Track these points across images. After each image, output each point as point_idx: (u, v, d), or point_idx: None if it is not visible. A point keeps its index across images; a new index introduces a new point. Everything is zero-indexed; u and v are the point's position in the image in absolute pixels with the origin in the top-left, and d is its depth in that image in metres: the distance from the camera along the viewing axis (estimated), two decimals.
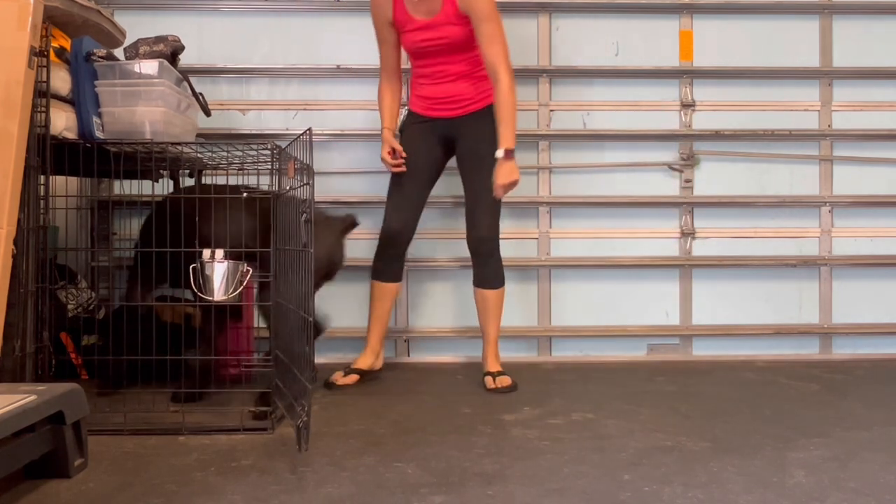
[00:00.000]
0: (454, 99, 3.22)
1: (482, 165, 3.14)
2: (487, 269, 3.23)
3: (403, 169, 3.26)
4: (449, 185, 3.83)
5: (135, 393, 2.79)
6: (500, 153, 3.04)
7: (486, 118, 3.14)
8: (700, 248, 3.88)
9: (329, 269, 2.99)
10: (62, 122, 2.51)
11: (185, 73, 2.88)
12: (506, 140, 3.04)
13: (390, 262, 3.30)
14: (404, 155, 3.27)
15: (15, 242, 2.27)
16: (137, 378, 2.72)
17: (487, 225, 3.18)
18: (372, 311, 3.33)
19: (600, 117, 3.87)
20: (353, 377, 3.23)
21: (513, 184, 3.07)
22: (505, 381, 3.15)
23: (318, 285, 2.82)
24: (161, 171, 3.07)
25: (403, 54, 3.36)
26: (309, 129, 2.41)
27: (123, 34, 2.98)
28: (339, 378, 3.21)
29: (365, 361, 3.30)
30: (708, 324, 3.88)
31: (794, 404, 2.91)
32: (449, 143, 3.27)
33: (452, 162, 3.36)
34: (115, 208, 3.59)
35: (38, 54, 2.35)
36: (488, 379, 3.18)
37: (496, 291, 3.25)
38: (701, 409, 2.80)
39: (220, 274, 2.63)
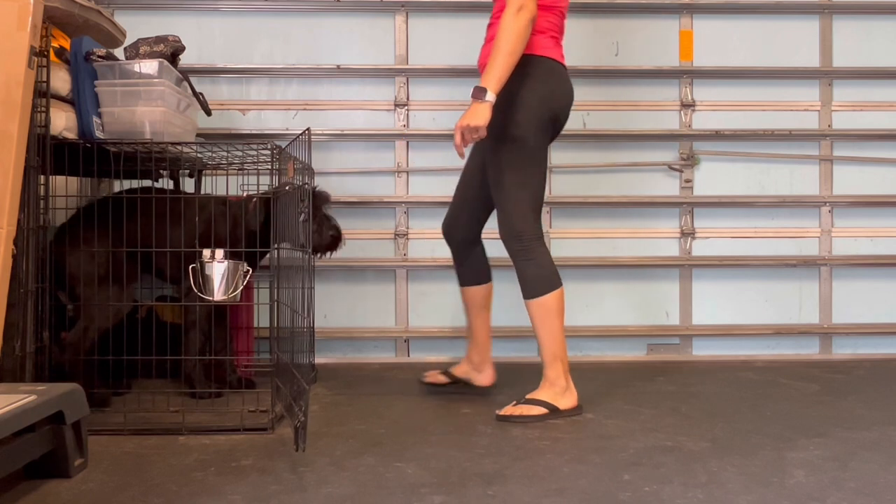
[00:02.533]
0: (479, 65, 2.73)
1: (490, 157, 2.71)
2: (519, 275, 2.73)
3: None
4: (446, 185, 3.84)
5: (134, 393, 2.79)
6: (472, 90, 2.53)
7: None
8: (700, 248, 3.88)
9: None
10: (62, 122, 2.51)
11: (185, 73, 2.88)
12: (484, 76, 2.53)
13: (459, 265, 3.01)
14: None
15: (15, 242, 2.27)
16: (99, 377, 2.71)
17: (500, 225, 2.74)
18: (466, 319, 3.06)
19: (600, 117, 3.87)
20: (440, 378, 3.07)
21: (469, 129, 2.52)
22: (523, 409, 2.67)
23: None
24: (161, 171, 3.07)
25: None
26: (307, 130, 2.41)
27: (123, 34, 2.98)
28: (431, 375, 3.09)
29: (460, 368, 3.06)
30: (708, 324, 3.88)
31: (794, 404, 2.91)
32: None
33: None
34: None
35: (38, 54, 2.35)
36: (512, 403, 2.73)
37: (528, 302, 2.71)
38: (701, 409, 2.80)
39: (219, 274, 2.63)
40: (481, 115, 2.50)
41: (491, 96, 2.50)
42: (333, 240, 2.98)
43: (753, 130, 3.86)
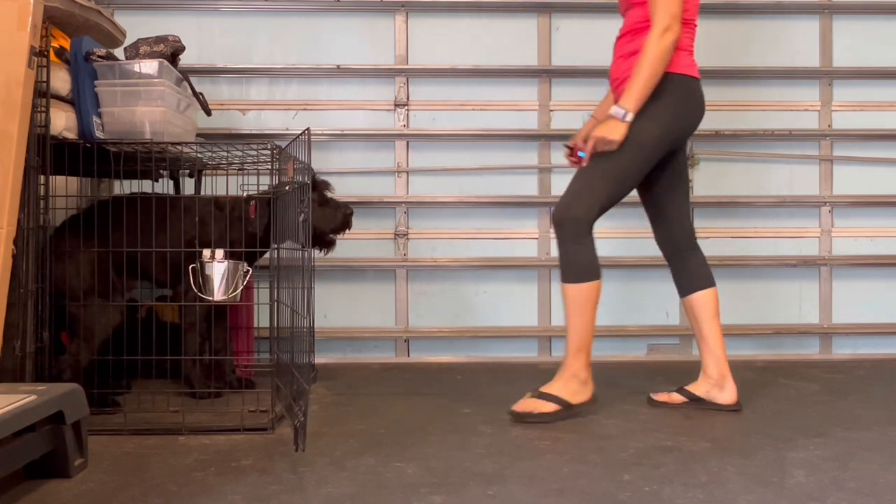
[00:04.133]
0: (611, 79, 2.82)
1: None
2: (559, 257, 2.70)
3: (576, 166, 2.79)
4: (446, 185, 3.84)
5: (134, 393, 2.80)
6: (612, 108, 2.61)
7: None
8: None
9: None
10: (62, 122, 2.51)
11: (185, 73, 2.88)
12: (624, 95, 2.60)
13: (680, 273, 2.91)
14: (577, 151, 2.80)
15: (15, 242, 2.27)
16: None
17: (560, 204, 2.70)
18: None
19: None
20: (676, 398, 2.85)
21: (602, 141, 2.59)
22: (535, 405, 2.65)
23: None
24: (161, 171, 3.07)
25: None
26: (307, 129, 2.41)
27: (123, 34, 2.98)
28: (662, 395, 2.86)
29: (699, 387, 2.85)
30: None
31: (794, 404, 2.91)
32: None
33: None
34: None
35: (38, 54, 2.35)
36: (527, 395, 2.71)
37: (567, 287, 2.69)
38: (701, 410, 2.80)
39: (219, 274, 2.63)
40: (617, 132, 2.58)
41: (630, 116, 2.58)
42: (346, 217, 2.98)
43: (753, 130, 3.86)
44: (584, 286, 2.67)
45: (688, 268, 2.87)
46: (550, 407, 2.64)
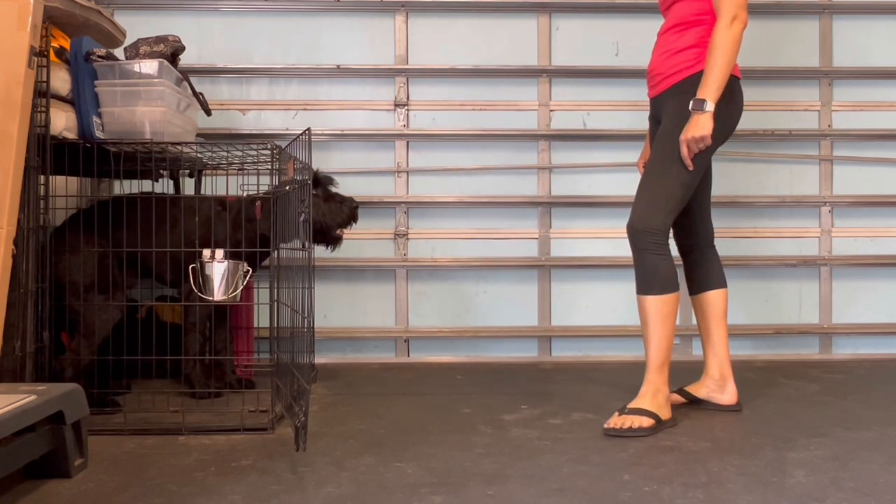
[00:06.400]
0: (651, 74, 2.81)
1: (655, 148, 2.72)
2: (636, 268, 2.64)
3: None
4: (446, 185, 3.84)
5: (134, 393, 2.80)
6: (691, 103, 2.56)
7: (674, 96, 2.68)
8: None
9: None
10: (62, 122, 2.51)
11: (185, 73, 2.88)
12: (701, 87, 2.57)
13: (694, 271, 2.88)
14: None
15: (15, 242, 2.27)
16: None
17: (637, 214, 2.64)
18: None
19: (600, 117, 3.87)
20: (675, 398, 2.78)
21: (695, 140, 2.55)
22: (633, 420, 2.53)
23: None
24: (161, 171, 3.07)
25: None
26: (308, 130, 2.41)
27: (123, 34, 2.98)
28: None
29: (699, 388, 2.84)
30: None
31: (794, 404, 2.91)
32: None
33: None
34: None
35: (38, 54, 2.35)
36: (615, 414, 2.60)
37: (643, 298, 2.62)
38: (701, 409, 2.80)
39: (219, 274, 2.63)
40: (704, 126, 2.56)
41: (710, 106, 2.56)
42: (353, 211, 2.99)
43: (753, 130, 3.85)
44: (668, 297, 2.60)
45: (705, 265, 2.86)
46: (648, 421, 2.52)
